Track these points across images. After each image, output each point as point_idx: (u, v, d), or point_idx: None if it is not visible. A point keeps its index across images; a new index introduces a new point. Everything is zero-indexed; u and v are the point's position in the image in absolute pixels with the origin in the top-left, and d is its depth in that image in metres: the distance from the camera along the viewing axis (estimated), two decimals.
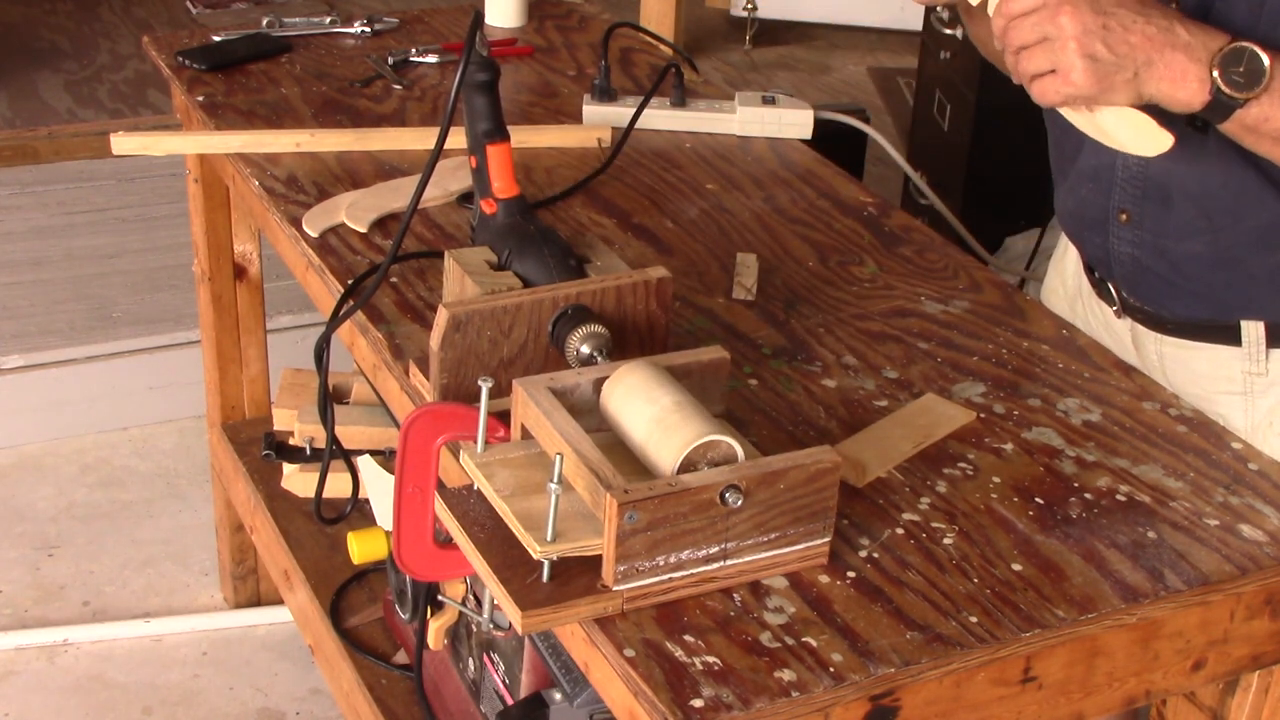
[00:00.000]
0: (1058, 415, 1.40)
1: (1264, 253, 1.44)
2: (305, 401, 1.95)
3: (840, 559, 1.19)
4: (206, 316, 2.34)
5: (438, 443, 1.27)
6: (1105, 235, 1.54)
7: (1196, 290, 1.50)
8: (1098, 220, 1.55)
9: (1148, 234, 1.50)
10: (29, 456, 2.94)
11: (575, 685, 1.54)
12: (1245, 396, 1.51)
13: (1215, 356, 1.52)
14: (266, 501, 2.21)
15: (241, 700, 2.39)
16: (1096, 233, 1.56)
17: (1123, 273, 1.55)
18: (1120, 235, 1.53)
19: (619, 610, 1.12)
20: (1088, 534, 1.24)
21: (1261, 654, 1.27)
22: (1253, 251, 1.45)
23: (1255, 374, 1.50)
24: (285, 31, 2.18)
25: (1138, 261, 1.52)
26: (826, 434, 1.35)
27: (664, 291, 1.34)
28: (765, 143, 1.94)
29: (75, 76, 3.72)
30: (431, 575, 1.33)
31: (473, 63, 1.40)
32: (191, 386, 2.84)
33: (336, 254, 1.62)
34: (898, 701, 1.11)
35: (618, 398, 1.20)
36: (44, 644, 2.47)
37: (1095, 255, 1.60)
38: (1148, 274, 1.52)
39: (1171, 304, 1.53)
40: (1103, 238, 1.55)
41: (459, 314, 1.27)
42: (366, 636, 2.01)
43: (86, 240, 3.28)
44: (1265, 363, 1.49)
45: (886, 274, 1.63)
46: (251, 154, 1.81)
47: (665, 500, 1.09)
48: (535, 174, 1.82)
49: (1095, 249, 1.58)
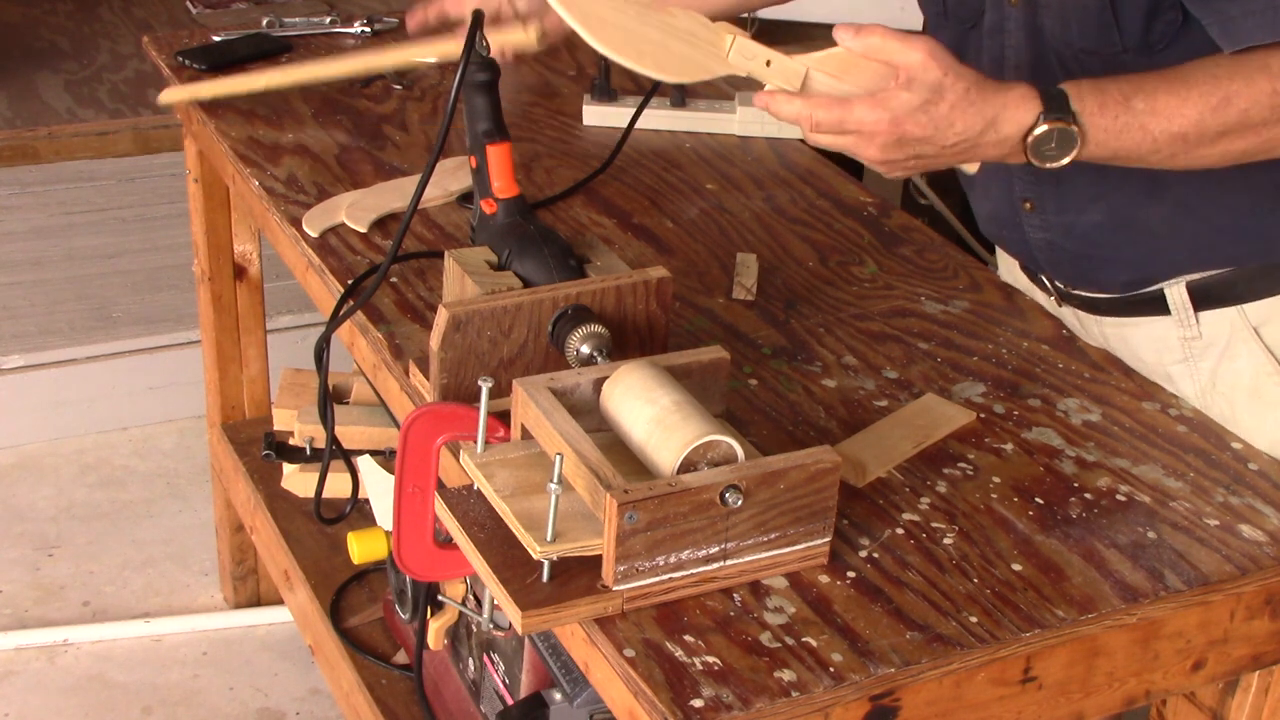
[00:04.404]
0: (1058, 415, 1.40)
1: (1153, 205, 1.47)
2: (305, 401, 1.95)
3: (840, 559, 1.19)
4: (206, 316, 2.34)
5: (438, 443, 1.27)
6: (1019, 229, 1.58)
7: (1110, 258, 1.53)
8: (1009, 216, 1.58)
9: (1052, 215, 1.54)
10: (29, 456, 2.94)
11: (575, 685, 1.54)
12: (1188, 363, 1.53)
13: (1152, 331, 1.54)
14: (266, 501, 2.21)
15: (241, 700, 2.39)
16: (1011, 229, 1.59)
17: (1045, 259, 1.59)
18: (1030, 224, 1.56)
19: (619, 610, 1.12)
20: (1088, 534, 1.24)
21: (1261, 654, 1.27)
22: (1143, 207, 1.48)
23: (1190, 338, 1.52)
24: (285, 31, 2.18)
25: (1052, 245, 1.56)
26: (826, 434, 1.35)
27: (664, 291, 1.34)
28: (765, 143, 1.94)
29: (75, 76, 3.72)
30: (431, 575, 1.33)
31: (473, 63, 1.40)
32: (191, 386, 2.84)
33: (336, 254, 1.62)
34: (898, 701, 1.11)
35: (617, 398, 1.20)
36: (44, 644, 2.47)
37: (1018, 251, 1.64)
38: (1064, 254, 1.56)
39: (1095, 279, 1.56)
40: (1018, 232, 1.58)
41: (459, 314, 1.27)
42: (366, 636, 2.01)
43: (86, 240, 3.27)
44: (1197, 325, 1.52)
45: (886, 274, 1.63)
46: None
47: (665, 500, 1.09)
48: (535, 174, 1.82)
49: (1016, 245, 1.62)
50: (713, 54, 1.29)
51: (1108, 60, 1.40)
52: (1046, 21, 1.44)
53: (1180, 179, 1.39)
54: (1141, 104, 1.28)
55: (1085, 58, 1.42)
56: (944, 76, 1.24)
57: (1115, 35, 1.38)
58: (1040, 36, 1.45)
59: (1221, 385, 1.51)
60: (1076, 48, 1.42)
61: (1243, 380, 1.50)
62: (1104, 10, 1.38)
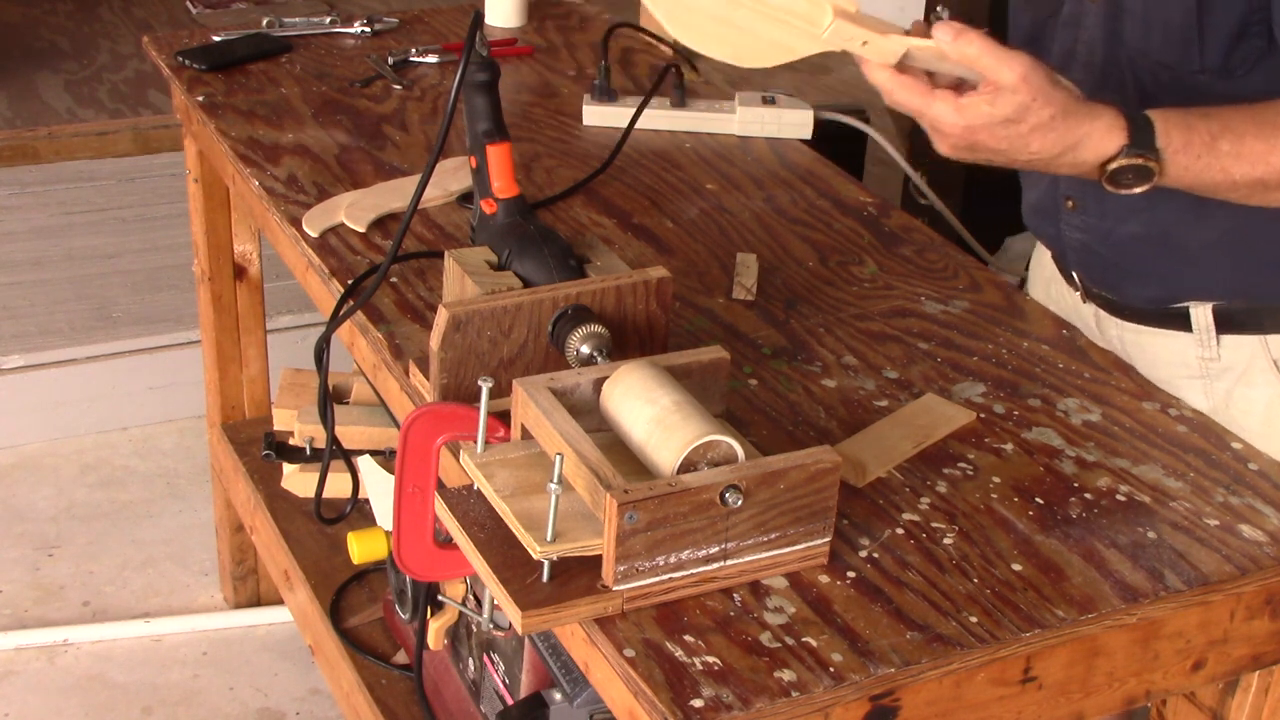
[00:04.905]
0: (1058, 415, 1.40)
1: (1197, 228, 1.46)
2: (305, 401, 1.95)
3: (840, 559, 1.19)
4: (206, 316, 2.34)
5: (438, 443, 1.27)
6: (1057, 225, 1.58)
7: (1141, 271, 1.52)
8: (1049, 210, 1.58)
9: (1092, 218, 1.53)
10: (29, 456, 2.94)
11: (575, 685, 1.54)
12: (1204, 380, 1.53)
13: (1171, 343, 1.54)
14: (266, 501, 2.21)
15: (241, 700, 2.39)
16: (1050, 223, 1.59)
17: (1076, 258, 1.59)
18: (1069, 222, 1.56)
19: (619, 610, 1.12)
20: (1088, 534, 1.24)
21: (1261, 654, 1.27)
22: (1187, 228, 1.47)
23: (1209, 359, 1.52)
24: (285, 31, 2.18)
25: (1086, 247, 1.55)
26: (826, 434, 1.35)
27: (664, 291, 1.34)
28: (765, 143, 1.94)
29: (75, 76, 3.72)
30: (431, 575, 1.32)
31: (473, 63, 1.40)
32: (191, 386, 2.84)
33: (336, 254, 1.62)
34: (898, 701, 1.11)
35: (617, 398, 1.20)
36: (44, 644, 2.47)
37: (1052, 245, 1.64)
38: (1096, 258, 1.55)
39: (1122, 288, 1.56)
40: (1055, 227, 1.58)
41: (459, 314, 1.27)
42: (366, 636, 2.01)
43: (86, 240, 3.27)
44: (1217, 348, 1.51)
45: (886, 274, 1.63)
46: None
47: (665, 500, 1.09)
48: (535, 174, 1.82)
49: (1051, 239, 1.63)
50: (805, 33, 1.23)
51: (1182, 78, 1.37)
52: (1127, 27, 1.41)
53: (1232, 207, 1.36)
54: (1227, 146, 1.26)
55: (1159, 70, 1.39)
56: (1032, 101, 1.22)
57: (1196, 54, 1.36)
58: (1117, 40, 1.43)
59: (1235, 410, 1.50)
60: (1153, 59, 1.39)
61: (1257, 408, 1.49)
62: (1189, 28, 1.35)
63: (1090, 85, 1.41)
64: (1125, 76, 1.43)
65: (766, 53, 1.25)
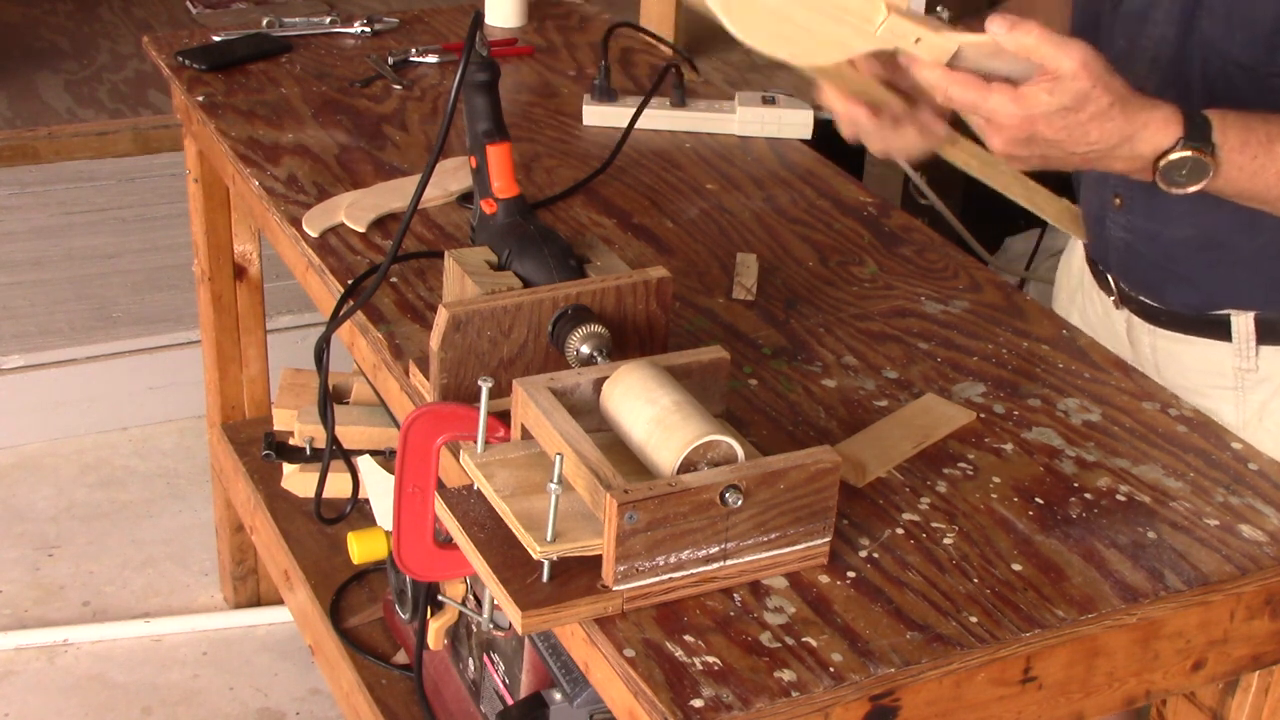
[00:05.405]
0: (1058, 415, 1.40)
1: (1249, 235, 1.44)
2: (305, 401, 1.95)
3: (840, 559, 1.19)
4: (206, 316, 2.34)
5: (438, 443, 1.27)
6: (1103, 223, 1.56)
7: (1186, 276, 1.51)
8: (1096, 208, 1.57)
9: (1139, 218, 1.51)
10: (29, 456, 2.94)
11: (575, 685, 1.54)
12: (1237, 391, 1.51)
13: (1207, 352, 1.52)
14: (266, 501, 2.21)
15: (241, 700, 2.39)
16: (1096, 221, 1.58)
17: (1117, 260, 1.57)
18: (1116, 221, 1.54)
19: (619, 610, 1.12)
20: (1088, 534, 1.24)
21: (1261, 654, 1.27)
22: (1238, 234, 1.45)
23: (1246, 370, 1.50)
24: (285, 31, 2.18)
25: (1131, 248, 1.54)
26: (826, 434, 1.35)
27: (664, 291, 1.34)
28: (765, 143, 1.94)
29: (75, 76, 3.72)
30: (431, 575, 1.32)
31: (473, 63, 1.40)
32: (191, 386, 2.84)
33: (336, 254, 1.62)
34: (898, 701, 1.11)
35: (617, 398, 1.20)
36: (44, 644, 2.47)
37: (1095, 244, 1.62)
38: (1140, 260, 1.54)
39: (1163, 292, 1.54)
40: (1100, 225, 1.57)
41: (459, 314, 1.27)
42: (366, 636, 2.01)
43: (86, 240, 3.27)
44: (1255, 359, 1.50)
45: (886, 274, 1.63)
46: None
47: (665, 500, 1.09)
48: (535, 174, 1.82)
49: (1094, 237, 1.61)
50: (859, 30, 1.22)
51: (1256, 79, 1.35)
52: (1206, 23, 1.38)
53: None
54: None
55: (1234, 70, 1.37)
56: (1092, 88, 1.19)
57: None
58: (1192, 36, 1.39)
59: (1269, 422, 1.49)
60: (1230, 57, 1.37)
61: None
62: (1277, 33, 1.32)
63: (1155, 83, 1.38)
64: (1194, 74, 1.40)
65: (823, 51, 1.24)
